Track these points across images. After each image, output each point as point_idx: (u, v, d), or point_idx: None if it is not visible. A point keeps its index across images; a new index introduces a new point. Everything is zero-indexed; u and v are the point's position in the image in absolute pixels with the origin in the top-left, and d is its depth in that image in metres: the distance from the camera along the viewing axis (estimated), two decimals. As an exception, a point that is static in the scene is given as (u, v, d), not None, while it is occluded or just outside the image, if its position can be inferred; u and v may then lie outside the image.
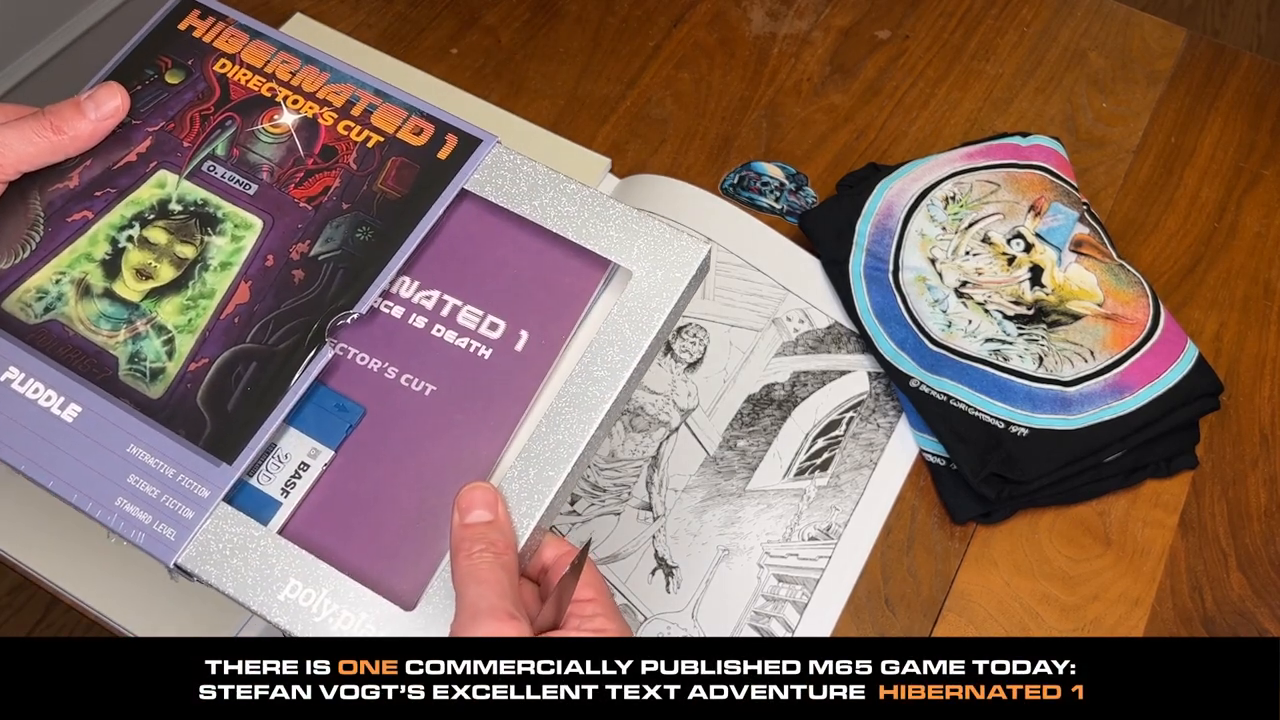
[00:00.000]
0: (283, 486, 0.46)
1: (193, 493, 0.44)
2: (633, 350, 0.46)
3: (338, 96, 0.53)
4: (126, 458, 0.45)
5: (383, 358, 0.47)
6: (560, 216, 0.50)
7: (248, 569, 0.43)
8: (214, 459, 0.44)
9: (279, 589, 0.43)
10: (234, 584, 0.43)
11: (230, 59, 0.53)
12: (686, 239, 0.48)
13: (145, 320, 0.48)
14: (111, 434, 0.45)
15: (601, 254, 0.49)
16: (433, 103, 0.78)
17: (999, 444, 0.62)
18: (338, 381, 0.47)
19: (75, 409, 0.45)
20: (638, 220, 0.49)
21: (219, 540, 0.43)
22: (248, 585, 0.43)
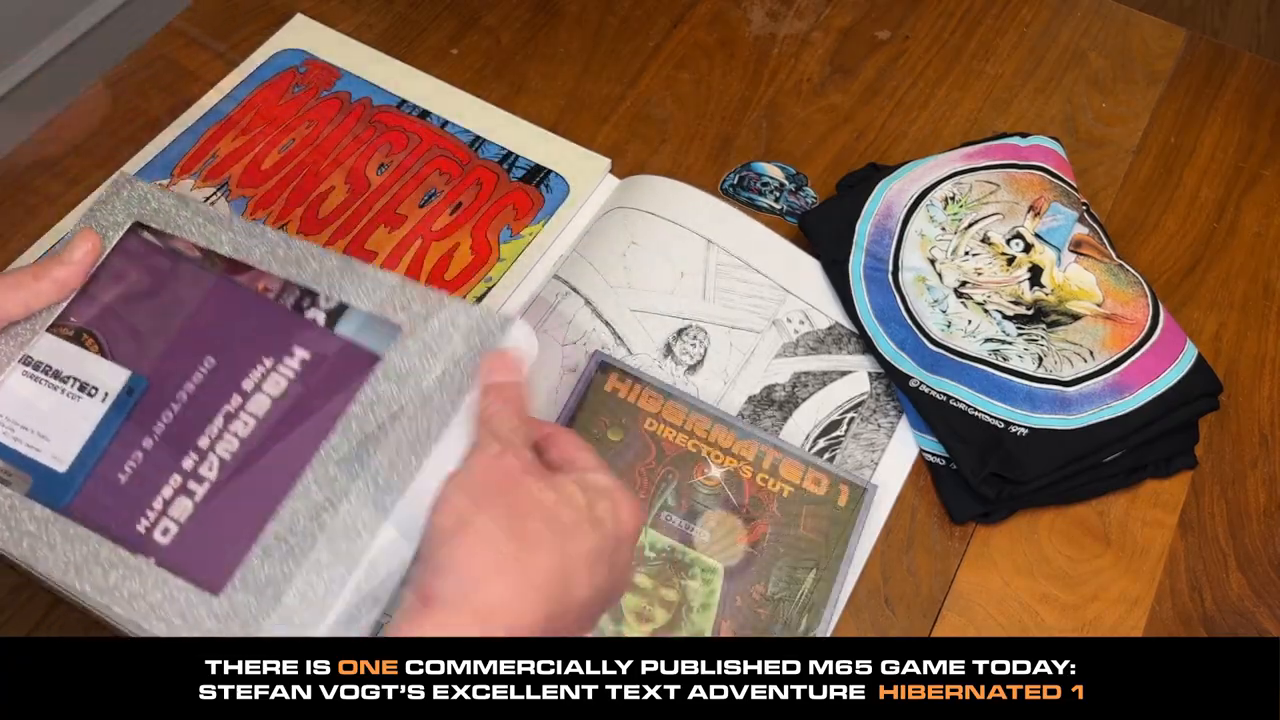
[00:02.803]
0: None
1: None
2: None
3: (748, 451, 0.62)
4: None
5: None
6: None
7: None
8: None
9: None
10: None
11: (655, 418, 0.62)
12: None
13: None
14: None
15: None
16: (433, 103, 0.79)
17: (999, 444, 0.62)
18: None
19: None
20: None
21: None
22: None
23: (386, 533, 0.44)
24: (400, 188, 0.73)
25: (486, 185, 0.74)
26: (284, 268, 0.52)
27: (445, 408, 0.46)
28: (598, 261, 0.69)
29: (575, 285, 0.69)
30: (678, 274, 0.69)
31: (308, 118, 0.76)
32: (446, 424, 0.46)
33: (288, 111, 0.76)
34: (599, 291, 0.68)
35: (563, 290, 0.68)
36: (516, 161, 0.75)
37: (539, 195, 0.73)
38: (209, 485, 0.47)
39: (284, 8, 0.83)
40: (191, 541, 0.46)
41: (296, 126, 0.75)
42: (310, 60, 0.79)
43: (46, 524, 0.47)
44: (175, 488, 0.47)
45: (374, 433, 0.46)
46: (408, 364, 0.48)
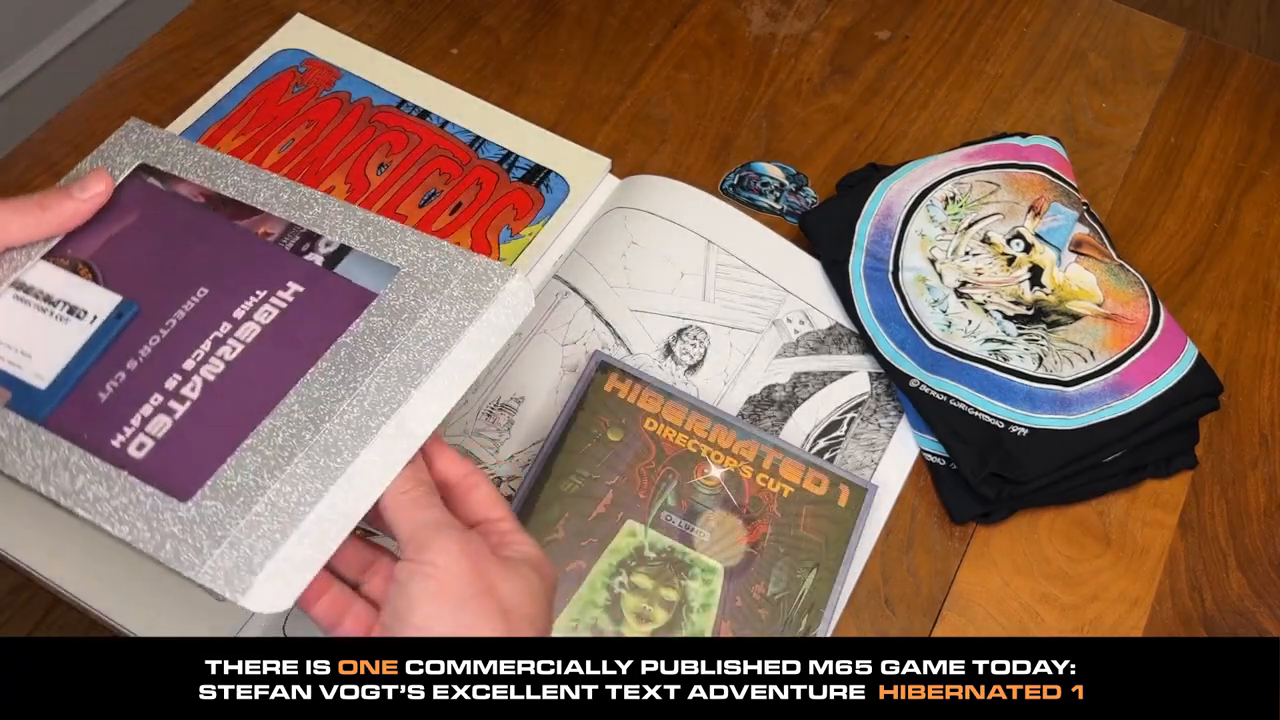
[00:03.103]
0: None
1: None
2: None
3: (748, 451, 0.61)
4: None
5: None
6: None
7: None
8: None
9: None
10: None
11: (655, 418, 0.62)
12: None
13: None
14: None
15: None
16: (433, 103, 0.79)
17: (999, 444, 0.62)
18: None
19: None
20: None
21: None
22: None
23: (368, 455, 0.43)
24: (400, 188, 0.73)
25: (486, 185, 0.74)
26: (287, 210, 0.52)
27: (440, 343, 0.46)
28: (598, 261, 0.69)
29: (575, 285, 0.69)
30: (678, 274, 0.69)
31: (308, 117, 0.76)
32: (439, 359, 0.46)
33: (287, 111, 0.76)
34: (599, 291, 0.68)
35: (563, 290, 0.68)
36: (516, 161, 0.75)
37: (539, 195, 0.73)
38: (190, 404, 0.46)
39: (284, 8, 0.83)
40: (166, 455, 0.45)
41: (296, 126, 0.75)
42: (310, 60, 0.79)
43: (19, 431, 0.46)
44: (155, 406, 0.46)
45: (364, 360, 0.46)
46: (403, 301, 0.48)
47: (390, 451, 0.44)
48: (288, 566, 0.41)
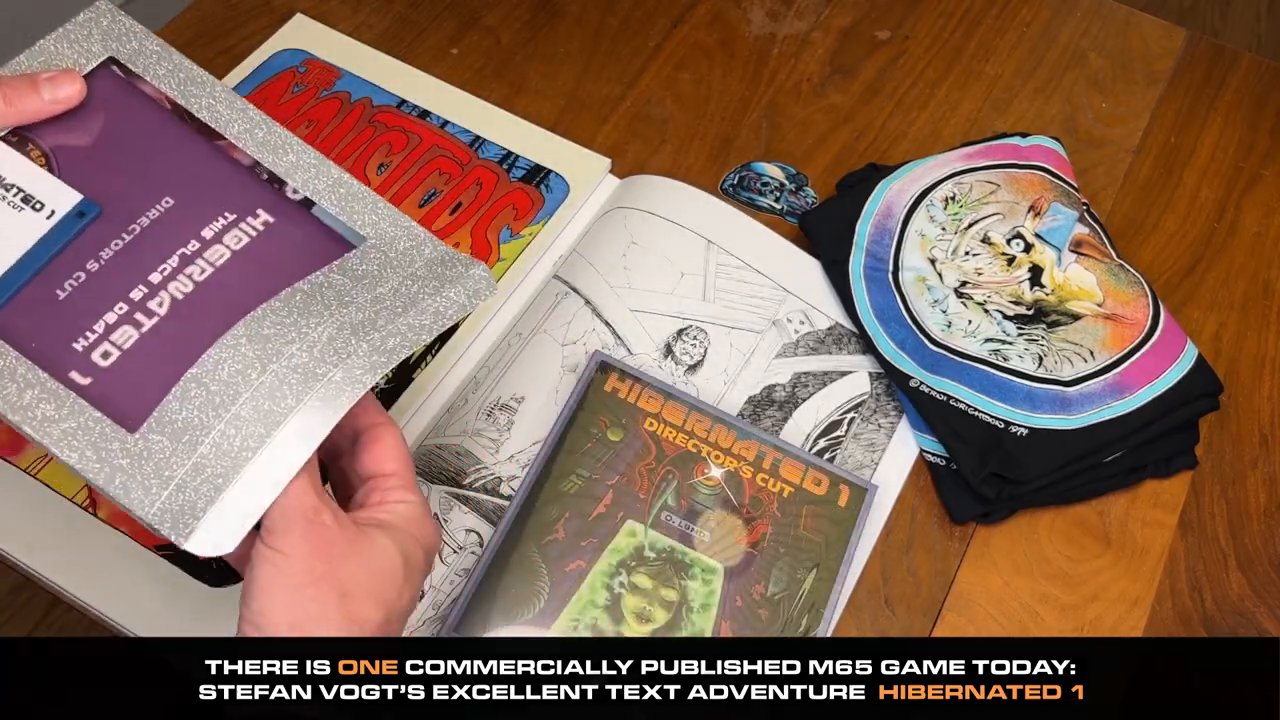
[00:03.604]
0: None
1: None
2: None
3: (748, 451, 0.61)
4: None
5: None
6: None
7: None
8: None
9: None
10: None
11: (655, 418, 0.62)
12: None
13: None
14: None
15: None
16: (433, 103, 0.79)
17: (999, 444, 0.62)
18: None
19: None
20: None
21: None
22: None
23: (312, 401, 0.42)
24: (400, 188, 0.73)
25: (486, 185, 0.74)
26: (260, 150, 0.49)
27: (396, 309, 0.46)
28: (598, 261, 0.69)
29: (575, 285, 0.69)
30: (678, 274, 0.69)
31: (307, 117, 0.76)
32: (393, 321, 0.45)
33: (287, 111, 0.76)
34: (599, 291, 0.68)
35: (563, 290, 0.68)
36: (516, 161, 0.75)
37: (539, 195, 0.73)
38: (157, 320, 0.44)
39: (284, 8, 0.83)
40: (126, 371, 0.43)
41: (296, 126, 0.75)
42: (310, 60, 0.79)
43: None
44: (120, 315, 0.44)
45: (319, 310, 0.45)
46: (366, 268, 0.47)
47: (334, 398, 0.43)
48: (230, 511, 0.41)
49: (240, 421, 0.42)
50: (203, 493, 0.41)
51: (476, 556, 0.59)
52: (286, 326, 0.44)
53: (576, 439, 0.61)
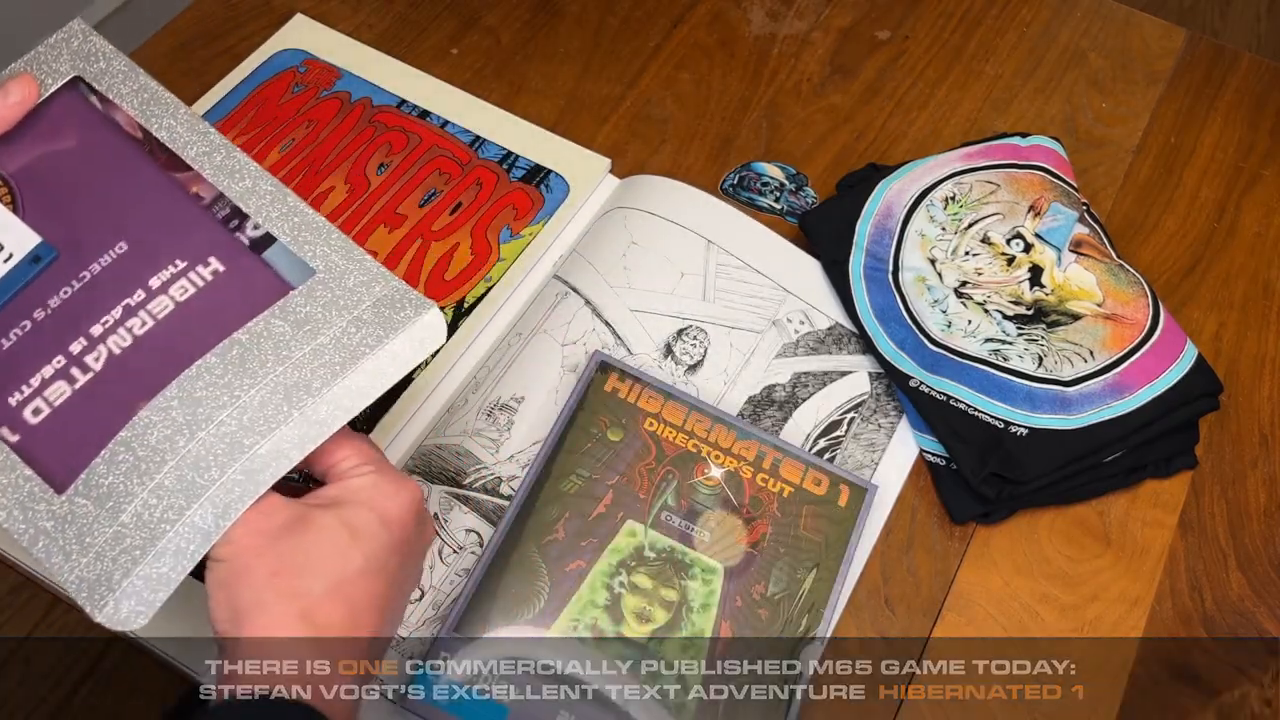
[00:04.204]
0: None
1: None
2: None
3: (748, 451, 0.61)
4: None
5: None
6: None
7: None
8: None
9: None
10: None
11: (655, 418, 0.62)
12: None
13: (657, 660, 0.55)
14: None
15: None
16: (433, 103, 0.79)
17: (999, 444, 0.62)
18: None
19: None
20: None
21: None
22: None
23: (234, 475, 0.42)
24: (400, 188, 0.73)
25: (486, 185, 0.74)
26: (217, 174, 0.49)
27: (335, 366, 0.44)
28: (598, 261, 0.69)
29: (575, 285, 0.69)
30: (678, 274, 0.69)
31: (308, 117, 0.76)
32: (329, 385, 0.44)
33: (287, 111, 0.76)
34: (599, 291, 0.68)
35: (563, 290, 0.68)
36: (516, 161, 0.75)
37: (539, 195, 0.73)
38: (91, 376, 0.44)
39: (284, 8, 0.83)
40: (56, 429, 0.43)
41: (296, 126, 0.75)
42: (310, 60, 0.79)
43: None
44: (57, 369, 0.44)
45: (255, 368, 0.44)
46: (309, 310, 0.45)
47: (259, 471, 0.43)
48: (142, 584, 0.41)
49: (163, 491, 0.42)
50: (120, 563, 0.41)
51: (476, 556, 0.59)
52: (219, 389, 0.43)
53: (576, 439, 0.61)
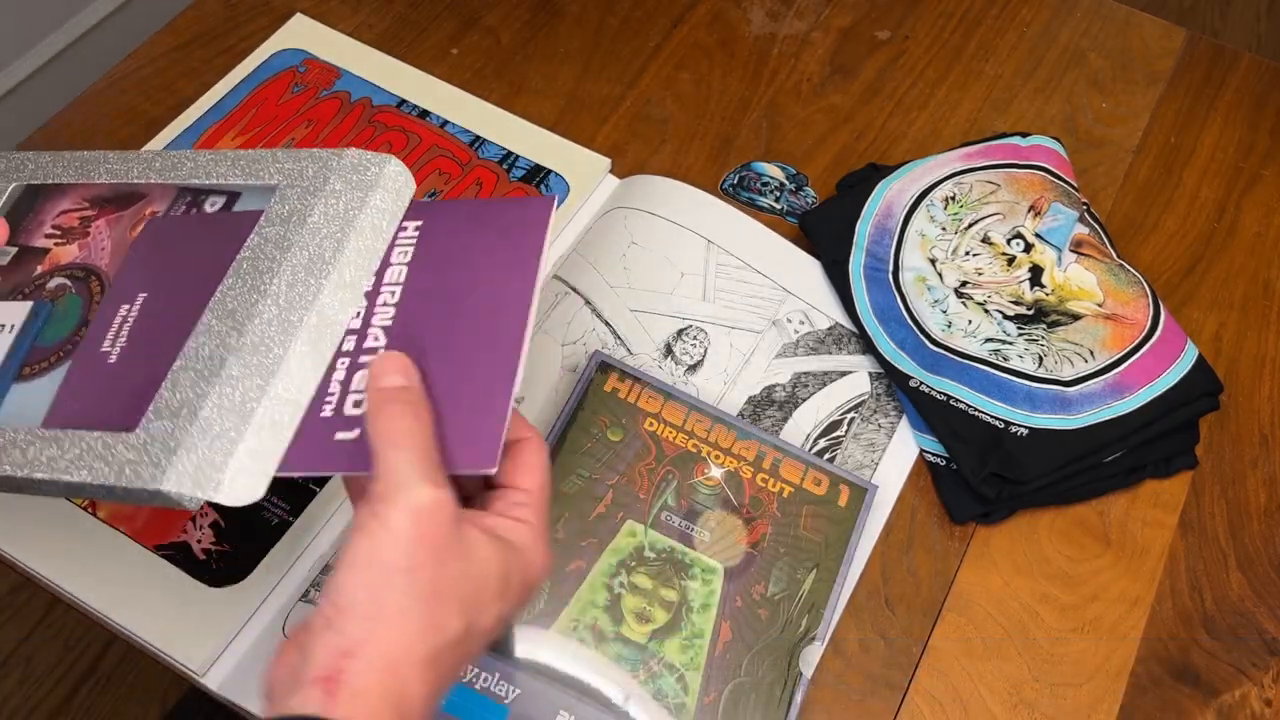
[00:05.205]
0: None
1: None
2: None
3: (748, 451, 0.62)
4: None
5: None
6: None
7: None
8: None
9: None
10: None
11: (655, 418, 0.62)
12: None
13: (656, 660, 0.55)
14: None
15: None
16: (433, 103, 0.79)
17: (999, 444, 0.62)
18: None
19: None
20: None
21: None
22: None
23: (298, 345, 0.45)
24: (400, 188, 0.73)
25: (486, 185, 0.74)
26: (162, 175, 0.54)
27: (335, 234, 0.48)
28: (598, 261, 0.69)
29: (575, 285, 0.69)
30: (678, 274, 0.69)
31: (307, 117, 0.76)
32: (340, 248, 0.48)
33: (287, 111, 0.76)
34: (599, 291, 0.68)
35: (563, 290, 0.68)
36: (516, 161, 0.75)
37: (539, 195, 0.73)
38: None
39: (284, 7, 0.83)
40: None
41: (296, 126, 0.75)
42: (310, 60, 0.79)
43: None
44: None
45: (268, 266, 0.47)
46: (289, 208, 0.50)
47: (318, 340, 0.46)
48: (249, 459, 0.43)
49: (234, 380, 0.44)
50: (218, 447, 0.42)
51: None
52: (246, 291, 0.47)
53: (576, 439, 0.61)
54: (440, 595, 0.38)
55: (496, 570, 0.40)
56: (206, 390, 0.44)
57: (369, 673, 0.36)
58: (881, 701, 0.57)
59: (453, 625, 0.38)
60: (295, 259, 0.47)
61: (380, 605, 0.37)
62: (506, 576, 0.40)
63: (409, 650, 0.37)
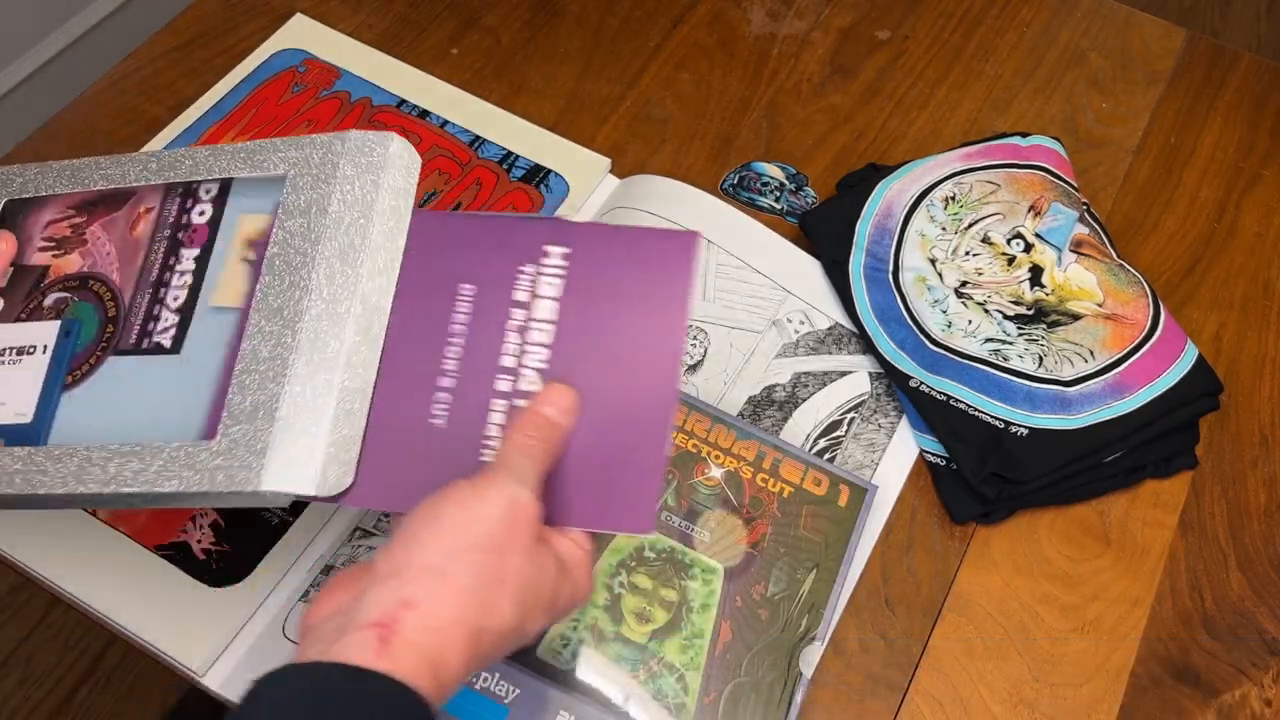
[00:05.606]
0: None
1: None
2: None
3: (748, 451, 0.61)
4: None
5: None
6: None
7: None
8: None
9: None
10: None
11: None
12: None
13: (656, 660, 0.55)
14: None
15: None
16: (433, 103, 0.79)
17: (999, 444, 0.62)
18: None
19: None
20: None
21: None
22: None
23: (351, 336, 0.46)
24: (400, 187, 0.73)
25: (486, 185, 0.74)
26: (161, 175, 0.54)
27: (359, 221, 0.49)
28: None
29: (575, 285, 0.69)
30: (678, 274, 0.69)
31: (307, 117, 0.76)
32: (367, 235, 0.48)
33: (287, 111, 0.76)
34: (599, 291, 0.68)
35: (563, 290, 0.68)
36: (516, 161, 0.75)
37: (539, 195, 0.73)
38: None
39: (284, 7, 0.83)
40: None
41: (296, 126, 0.75)
42: (310, 60, 0.79)
43: (31, 458, 0.47)
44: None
45: (300, 261, 0.48)
46: (304, 199, 0.50)
47: (368, 327, 0.47)
48: (335, 450, 0.45)
49: (302, 378, 0.45)
50: (302, 444, 0.44)
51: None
52: (287, 288, 0.48)
53: None
54: (504, 584, 0.40)
55: (552, 584, 0.42)
56: (277, 391, 0.45)
57: (422, 629, 0.37)
58: (881, 701, 0.57)
59: (504, 615, 0.40)
60: (327, 250, 0.48)
61: (449, 571, 0.39)
62: (557, 593, 0.43)
63: (460, 620, 0.38)
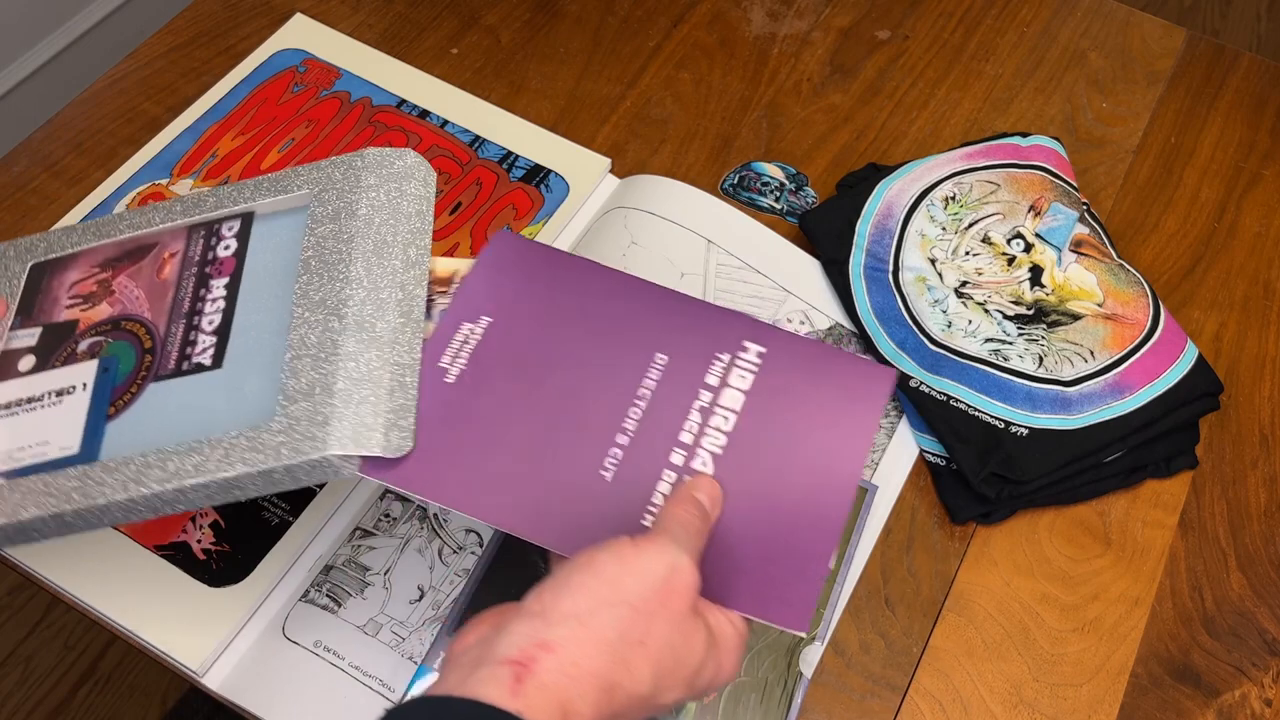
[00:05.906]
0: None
1: None
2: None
3: None
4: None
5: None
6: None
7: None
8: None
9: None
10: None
11: None
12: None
13: None
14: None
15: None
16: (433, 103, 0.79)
17: (999, 444, 0.62)
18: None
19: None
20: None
21: None
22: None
23: (394, 319, 0.49)
24: (400, 187, 0.73)
25: (486, 185, 0.74)
26: (186, 216, 0.56)
27: (388, 220, 0.52)
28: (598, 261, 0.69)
29: (575, 285, 0.69)
30: (678, 274, 0.69)
31: (307, 117, 0.76)
32: (396, 232, 0.51)
33: (287, 111, 0.76)
34: (599, 291, 0.68)
35: (563, 290, 0.68)
36: (516, 161, 0.75)
37: (539, 195, 0.73)
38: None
39: (284, 7, 0.83)
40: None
41: (296, 126, 0.75)
42: (310, 60, 0.79)
43: (86, 474, 0.48)
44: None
45: (337, 259, 0.51)
46: (332, 208, 0.53)
47: (409, 311, 0.50)
48: (395, 415, 0.47)
49: (354, 354, 0.47)
50: (364, 411, 0.46)
51: (476, 556, 0.59)
52: (327, 280, 0.50)
53: None
54: (645, 646, 0.39)
55: (698, 659, 0.41)
56: (331, 370, 0.47)
57: (557, 673, 0.36)
58: (881, 702, 0.57)
59: (640, 677, 0.39)
60: (362, 247, 0.50)
61: (593, 620, 0.38)
62: (701, 669, 0.41)
63: (596, 671, 0.37)
